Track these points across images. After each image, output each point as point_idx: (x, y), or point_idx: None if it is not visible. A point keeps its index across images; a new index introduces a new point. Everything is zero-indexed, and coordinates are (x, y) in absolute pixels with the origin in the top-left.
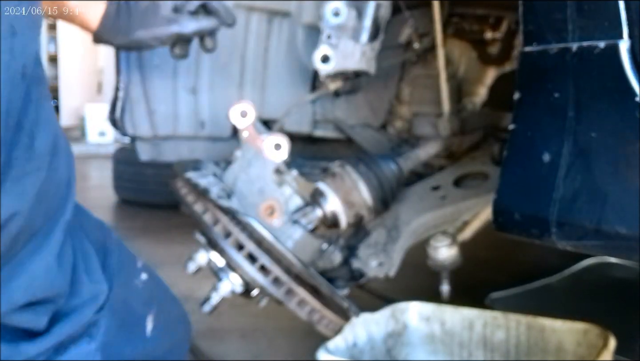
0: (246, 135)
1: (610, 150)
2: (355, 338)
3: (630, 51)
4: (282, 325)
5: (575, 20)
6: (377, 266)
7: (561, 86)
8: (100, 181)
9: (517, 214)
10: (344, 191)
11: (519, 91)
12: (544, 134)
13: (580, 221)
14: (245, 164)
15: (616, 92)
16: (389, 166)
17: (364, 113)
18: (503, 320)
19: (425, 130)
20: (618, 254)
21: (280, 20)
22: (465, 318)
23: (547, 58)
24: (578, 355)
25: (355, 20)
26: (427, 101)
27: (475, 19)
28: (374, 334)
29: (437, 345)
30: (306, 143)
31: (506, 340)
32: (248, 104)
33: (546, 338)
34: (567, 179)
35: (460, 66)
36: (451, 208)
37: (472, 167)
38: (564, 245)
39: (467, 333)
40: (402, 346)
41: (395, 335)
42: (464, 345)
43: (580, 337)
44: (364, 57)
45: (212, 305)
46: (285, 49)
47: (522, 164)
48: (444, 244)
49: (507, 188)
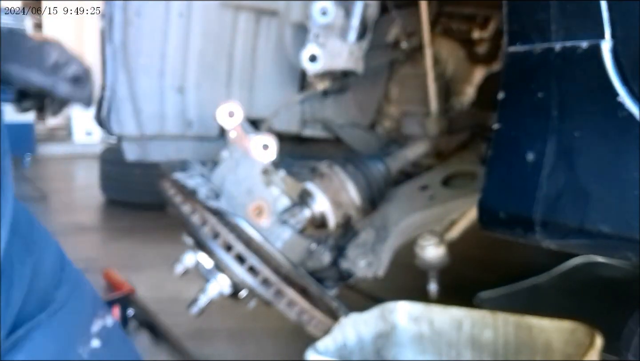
0: (234, 135)
1: (593, 149)
2: (344, 338)
3: (612, 51)
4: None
5: (559, 21)
6: (366, 266)
7: (545, 85)
8: (87, 181)
9: (502, 213)
10: (332, 191)
11: (504, 91)
12: (528, 133)
13: (563, 219)
14: (233, 164)
15: (598, 91)
16: (377, 166)
17: (352, 113)
18: (491, 320)
19: (414, 129)
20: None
21: (268, 19)
22: (454, 317)
23: (531, 58)
24: (566, 353)
25: (343, 20)
26: (415, 100)
27: (463, 18)
28: (363, 334)
29: (426, 345)
30: (295, 143)
31: (494, 339)
32: (235, 104)
33: (534, 337)
34: (551, 178)
35: (448, 65)
36: (439, 208)
37: (460, 166)
38: (548, 244)
39: (455, 333)
40: (391, 346)
41: (384, 335)
42: (452, 345)
43: (567, 336)
44: (351, 57)
45: (199, 306)
46: (274, 48)
47: (507, 163)
48: (431, 243)
49: (491, 187)
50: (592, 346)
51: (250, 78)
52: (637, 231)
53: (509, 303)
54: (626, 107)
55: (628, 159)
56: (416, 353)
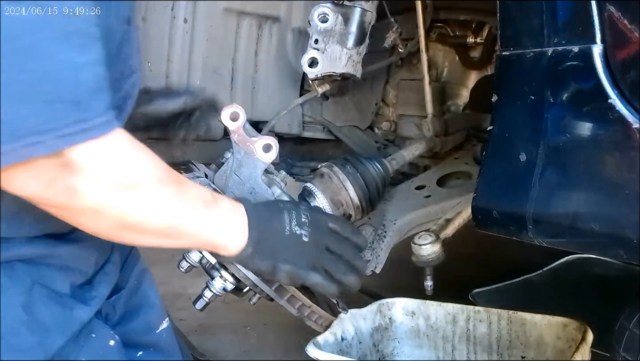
0: (237, 137)
1: (585, 150)
2: (343, 333)
3: (603, 55)
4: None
5: (551, 26)
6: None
7: (537, 88)
8: None
9: (496, 212)
10: (332, 191)
11: (497, 94)
12: (521, 135)
13: (555, 218)
14: (236, 165)
15: (590, 94)
16: (375, 166)
17: (351, 115)
18: (485, 315)
19: (411, 131)
20: (592, 251)
21: (270, 24)
22: (449, 312)
23: (524, 62)
24: (558, 348)
25: (341, 25)
26: (412, 103)
27: (458, 24)
28: (362, 329)
29: (422, 339)
30: (295, 144)
31: (488, 333)
32: (239, 106)
33: (527, 331)
34: (543, 178)
35: (443, 69)
36: (435, 207)
37: (456, 167)
38: (541, 242)
39: (450, 328)
40: (389, 341)
41: (382, 329)
42: (447, 339)
43: (559, 331)
44: (350, 61)
45: (204, 302)
46: (275, 52)
47: (500, 163)
48: (427, 241)
49: (485, 187)
50: (584, 341)
51: (252, 81)
52: (628, 229)
53: (503, 299)
54: (617, 109)
55: (619, 159)
56: (412, 347)
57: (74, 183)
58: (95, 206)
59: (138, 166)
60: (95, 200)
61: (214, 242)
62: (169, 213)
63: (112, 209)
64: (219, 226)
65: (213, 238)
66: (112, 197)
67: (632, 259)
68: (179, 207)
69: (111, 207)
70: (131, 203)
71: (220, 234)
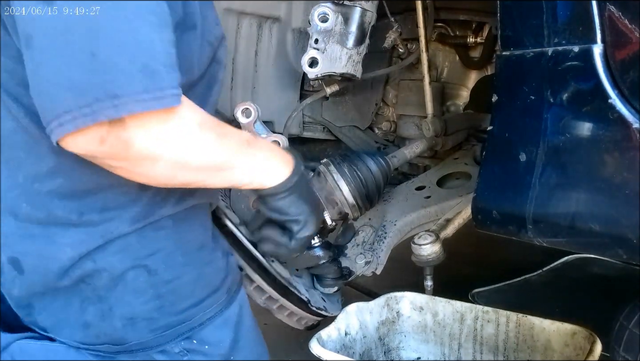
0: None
1: (585, 150)
2: (347, 327)
3: (603, 55)
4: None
5: (551, 26)
6: (365, 264)
7: (537, 88)
8: None
9: (495, 212)
10: (327, 191)
11: (497, 94)
12: (521, 135)
13: (555, 218)
14: None
15: (590, 94)
16: (376, 162)
17: (351, 115)
18: (494, 315)
19: (410, 131)
20: (592, 251)
21: (270, 24)
22: (457, 310)
23: (524, 62)
24: (565, 355)
25: (342, 25)
26: (412, 103)
27: (458, 24)
28: (367, 322)
29: (429, 335)
30: (295, 144)
31: (495, 335)
32: (252, 104)
33: (535, 336)
34: (543, 178)
35: (443, 69)
36: (435, 207)
37: (455, 167)
38: (540, 242)
39: (458, 326)
40: (395, 334)
41: (389, 322)
42: (454, 337)
43: (568, 338)
44: (350, 61)
45: None
46: (275, 52)
47: (500, 163)
48: (427, 241)
49: (485, 187)
50: (592, 353)
51: (252, 81)
52: (628, 229)
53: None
54: (617, 109)
55: (619, 159)
56: (419, 342)
57: (127, 137)
58: (149, 153)
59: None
60: (148, 147)
61: (262, 169)
62: (218, 150)
63: (163, 154)
64: (265, 154)
65: (261, 165)
66: (162, 144)
67: (631, 259)
68: (225, 142)
69: (162, 152)
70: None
71: (267, 162)
